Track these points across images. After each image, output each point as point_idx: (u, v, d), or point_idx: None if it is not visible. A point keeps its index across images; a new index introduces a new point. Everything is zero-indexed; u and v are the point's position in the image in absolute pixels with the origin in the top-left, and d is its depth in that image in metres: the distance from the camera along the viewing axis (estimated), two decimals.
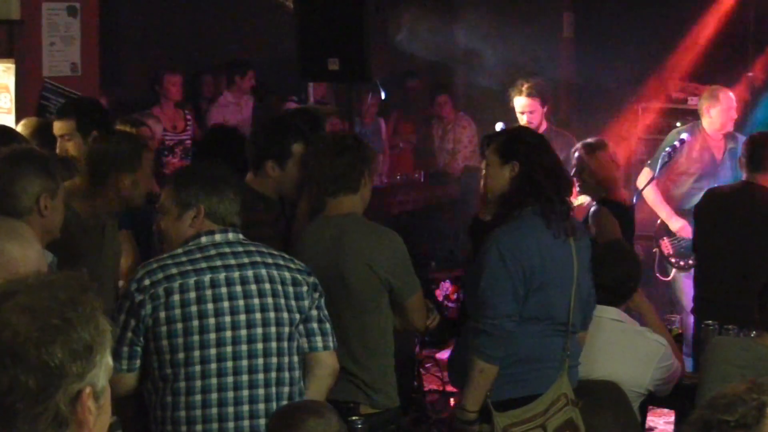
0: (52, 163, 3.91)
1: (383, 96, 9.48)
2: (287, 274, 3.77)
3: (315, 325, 3.81)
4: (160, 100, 8.94)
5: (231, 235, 3.78)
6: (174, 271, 3.67)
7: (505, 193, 4.38)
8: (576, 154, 6.17)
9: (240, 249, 3.77)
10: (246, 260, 3.74)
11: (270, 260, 3.78)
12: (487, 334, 4.22)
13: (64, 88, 6.86)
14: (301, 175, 4.77)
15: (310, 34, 7.05)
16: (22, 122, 5.70)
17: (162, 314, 3.62)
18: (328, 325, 3.84)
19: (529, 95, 7.23)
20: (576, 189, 6.00)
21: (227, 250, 3.75)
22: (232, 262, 3.72)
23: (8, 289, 1.77)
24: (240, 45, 10.73)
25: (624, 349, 4.71)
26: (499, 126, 7.29)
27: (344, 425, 3.27)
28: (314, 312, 3.81)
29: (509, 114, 7.51)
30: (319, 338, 3.81)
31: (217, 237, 3.76)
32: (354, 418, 3.62)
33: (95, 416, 1.77)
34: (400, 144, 10.91)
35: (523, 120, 7.13)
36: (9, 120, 6.62)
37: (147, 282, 3.65)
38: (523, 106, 7.23)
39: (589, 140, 6.31)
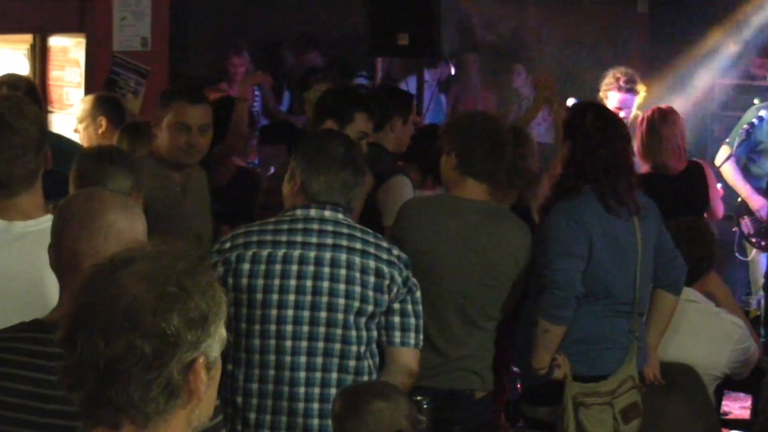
0: (136, 161, 3.95)
1: (452, 71, 9.38)
2: (371, 263, 3.64)
3: (396, 319, 3.67)
4: (228, 76, 8.97)
5: (327, 213, 3.68)
6: (254, 239, 3.64)
7: (560, 173, 4.40)
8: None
9: (329, 228, 3.66)
10: (329, 241, 3.64)
11: (358, 246, 3.65)
12: (551, 293, 4.16)
13: (134, 62, 6.86)
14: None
15: (380, 9, 6.98)
16: (81, 100, 5.67)
17: (230, 281, 3.58)
18: (412, 321, 3.68)
19: (628, 90, 7.09)
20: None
21: (315, 227, 3.66)
22: (314, 240, 3.64)
23: (126, 257, 1.79)
24: (308, 20, 10.69)
25: (699, 330, 4.64)
26: (570, 102, 7.18)
27: (413, 407, 3.20)
28: (397, 305, 3.66)
29: (579, 91, 7.39)
30: (397, 333, 3.68)
31: (312, 212, 3.68)
32: (419, 398, 3.54)
33: (206, 386, 1.79)
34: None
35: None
36: (78, 94, 6.66)
37: (227, 245, 3.65)
38: (620, 101, 7.07)
39: (660, 106, 6.34)
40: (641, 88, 6.91)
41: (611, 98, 6.97)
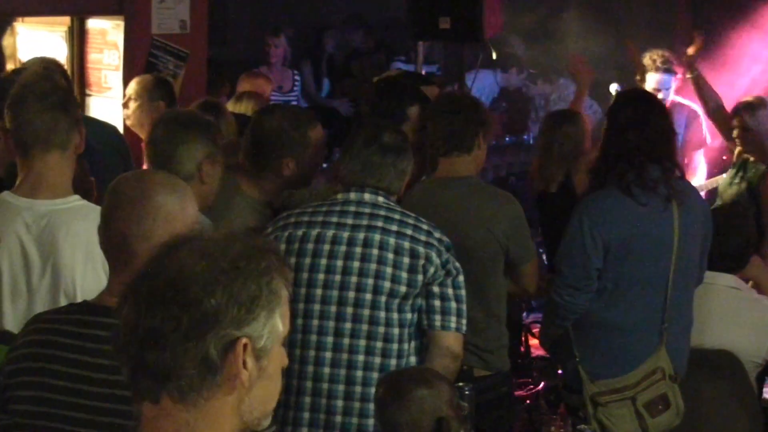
0: (214, 127, 3.81)
1: (495, 56, 9.32)
2: (406, 244, 3.63)
3: (437, 303, 3.65)
4: (267, 59, 8.98)
5: (367, 196, 3.70)
6: (292, 220, 3.69)
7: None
8: (736, 115, 6.30)
9: (366, 210, 3.68)
10: (364, 222, 3.65)
11: (394, 227, 3.65)
12: (553, 302, 4.25)
13: (173, 45, 6.86)
14: (416, 139, 4.59)
15: None
16: (135, 79, 5.65)
17: None
18: (453, 305, 3.65)
19: (665, 71, 7.02)
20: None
21: (352, 208, 3.68)
22: (349, 221, 3.65)
23: (189, 236, 1.84)
24: (350, 3, 10.66)
25: (741, 317, 4.59)
26: (613, 87, 7.13)
27: (456, 393, 3.17)
28: (436, 289, 3.64)
29: (622, 77, 7.33)
30: (437, 317, 3.65)
31: (352, 195, 3.71)
32: (461, 384, 3.52)
33: (254, 376, 1.77)
34: (504, 104, 10.68)
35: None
36: (116, 77, 6.66)
37: (269, 229, 3.71)
38: (658, 82, 6.99)
39: (748, 99, 6.41)
40: (678, 69, 6.89)
41: (649, 80, 6.94)
